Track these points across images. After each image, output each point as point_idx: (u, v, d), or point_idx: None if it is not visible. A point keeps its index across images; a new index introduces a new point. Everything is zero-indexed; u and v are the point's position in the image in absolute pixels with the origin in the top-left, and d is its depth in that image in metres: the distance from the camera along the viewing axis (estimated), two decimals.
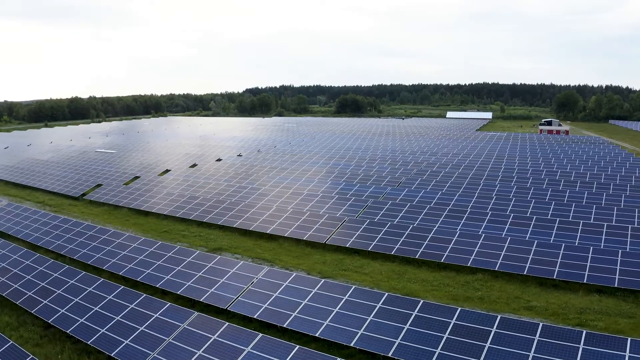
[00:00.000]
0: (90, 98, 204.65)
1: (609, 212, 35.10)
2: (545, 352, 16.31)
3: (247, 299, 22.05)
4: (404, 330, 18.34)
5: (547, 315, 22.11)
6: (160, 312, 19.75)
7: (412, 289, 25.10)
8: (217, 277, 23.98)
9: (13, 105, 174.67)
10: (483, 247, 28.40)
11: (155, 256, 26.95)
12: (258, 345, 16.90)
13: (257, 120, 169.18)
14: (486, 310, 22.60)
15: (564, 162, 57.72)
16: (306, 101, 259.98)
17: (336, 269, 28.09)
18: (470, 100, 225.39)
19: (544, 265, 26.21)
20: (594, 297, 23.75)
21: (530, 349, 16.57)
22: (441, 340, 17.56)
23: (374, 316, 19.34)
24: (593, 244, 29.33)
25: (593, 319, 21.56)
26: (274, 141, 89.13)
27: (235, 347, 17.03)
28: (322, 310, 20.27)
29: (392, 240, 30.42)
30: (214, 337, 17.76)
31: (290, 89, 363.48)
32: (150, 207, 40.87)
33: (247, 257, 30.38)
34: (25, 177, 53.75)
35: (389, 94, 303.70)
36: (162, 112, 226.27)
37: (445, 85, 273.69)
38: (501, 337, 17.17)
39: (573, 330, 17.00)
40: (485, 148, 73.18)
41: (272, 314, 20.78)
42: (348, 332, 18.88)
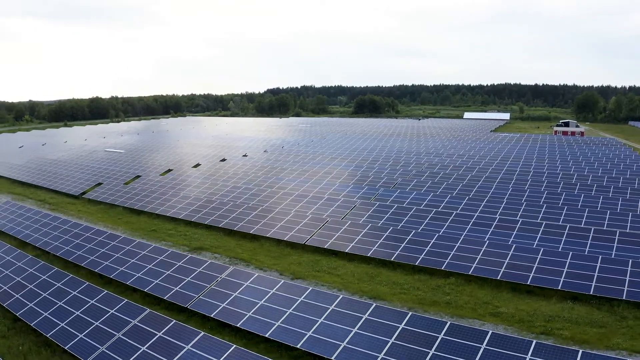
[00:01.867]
0: (112, 98, 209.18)
1: (594, 214, 34.09)
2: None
3: (210, 299, 22.19)
4: (352, 334, 18.17)
5: (512, 322, 21.58)
6: (117, 309, 20.06)
7: (380, 292, 24.86)
8: (184, 275, 24.22)
9: (35, 105, 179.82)
10: (460, 251, 27.92)
11: (131, 253, 27.36)
12: (199, 344, 17.00)
13: (273, 120, 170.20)
14: (450, 315, 22.26)
15: (569, 164, 56.31)
16: (325, 101, 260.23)
17: (310, 270, 28.03)
18: (491, 101, 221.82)
19: (519, 270, 25.62)
20: (567, 305, 23.07)
21: (475, 357, 16.21)
22: (386, 345, 17.34)
23: (325, 318, 19.24)
24: (574, 248, 28.54)
25: (560, 328, 20.94)
26: (283, 142, 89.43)
27: (177, 345, 17.17)
28: (277, 311, 20.27)
29: (371, 242, 30.18)
30: (161, 333, 17.94)
31: (311, 89, 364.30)
32: (143, 207, 41.54)
33: (225, 257, 30.59)
34: (32, 176, 55.30)
35: (409, 95, 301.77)
36: (181, 112, 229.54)
37: (467, 86, 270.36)
38: (447, 344, 16.85)
39: (523, 339, 16.51)
40: (492, 150, 71.90)
41: (230, 314, 20.87)
42: (297, 333, 18.82)
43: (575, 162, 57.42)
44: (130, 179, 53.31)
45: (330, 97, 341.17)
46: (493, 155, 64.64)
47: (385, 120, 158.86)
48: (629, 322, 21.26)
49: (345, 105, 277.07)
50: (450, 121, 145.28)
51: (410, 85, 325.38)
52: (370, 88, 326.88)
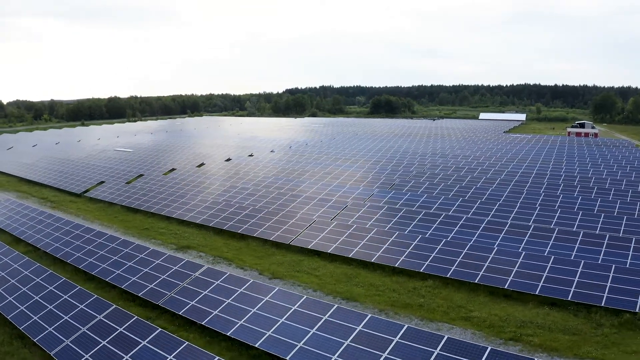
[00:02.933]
0: (130, 98, 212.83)
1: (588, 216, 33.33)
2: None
3: (180, 296, 22.47)
4: (310, 334, 18.21)
5: (482, 327, 21.28)
6: (86, 304, 20.49)
7: (355, 293, 24.80)
8: (160, 273, 24.56)
9: (55, 104, 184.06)
10: (441, 253, 27.65)
11: (115, 251, 27.87)
12: (155, 340, 17.26)
13: (287, 120, 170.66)
14: (420, 318, 22.10)
15: (574, 165, 55.16)
16: (341, 102, 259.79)
17: (290, 270, 28.12)
18: (510, 102, 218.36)
19: (498, 274, 25.25)
20: (543, 310, 22.63)
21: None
22: (341, 347, 17.32)
23: (286, 318, 19.32)
24: (556, 251, 27.98)
25: (531, 334, 20.54)
26: (291, 142, 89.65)
27: (134, 340, 17.46)
28: (241, 310, 20.45)
29: (353, 243, 30.11)
30: (122, 328, 18.25)
31: (330, 89, 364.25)
32: (140, 205, 42.23)
33: (209, 256, 30.91)
34: (39, 174, 56.75)
35: (428, 95, 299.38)
36: (198, 112, 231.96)
37: (486, 86, 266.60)
38: (401, 348, 16.74)
39: (477, 345, 16.28)
40: (500, 150, 70.85)
41: (196, 311, 21.13)
42: (258, 332, 18.95)
43: (581, 164, 56.26)
44: (132, 177, 54.20)
45: (349, 97, 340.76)
46: (499, 157, 63.65)
47: (400, 121, 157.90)
48: (604, 330, 20.74)
49: (363, 105, 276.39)
50: (464, 122, 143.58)
51: (429, 86, 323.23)
52: (389, 88, 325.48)
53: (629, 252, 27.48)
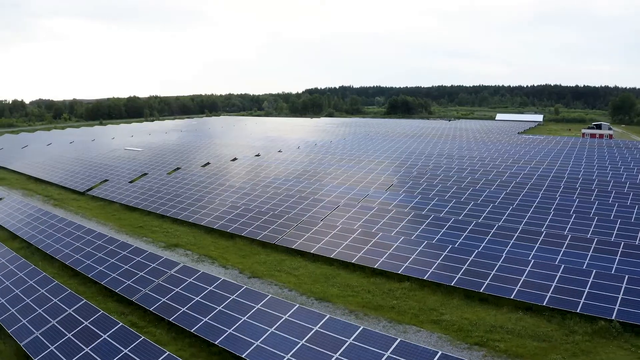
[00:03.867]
0: (149, 97, 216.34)
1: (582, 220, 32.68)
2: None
3: (154, 293, 22.93)
4: (268, 333, 18.41)
5: (450, 330, 21.10)
6: (59, 298, 21.08)
7: (329, 294, 24.89)
8: (139, 270, 25.09)
9: (75, 103, 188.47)
10: (421, 255, 27.52)
11: (100, 248, 28.53)
12: (114, 334, 17.69)
13: (303, 120, 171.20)
14: (389, 320, 22.06)
15: (580, 167, 54.03)
16: (359, 102, 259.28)
17: (271, 269, 28.35)
18: (530, 103, 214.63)
19: (475, 277, 25.02)
20: (516, 315, 22.31)
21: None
22: (296, 346, 17.46)
23: (248, 317, 19.55)
24: (533, 254, 27.52)
25: (498, 339, 20.26)
26: (300, 142, 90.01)
27: (96, 333, 17.91)
28: (208, 307, 20.77)
29: (336, 244, 30.18)
30: (87, 322, 18.75)
31: (350, 89, 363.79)
32: (138, 204, 43.06)
33: (195, 254, 31.39)
34: (47, 173, 58.33)
35: (447, 95, 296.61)
36: (216, 112, 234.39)
37: (506, 87, 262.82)
38: (353, 349, 16.77)
39: (428, 350, 16.12)
40: (508, 152, 69.81)
41: (166, 308, 21.54)
42: (219, 330, 19.26)
43: (587, 166, 55.08)
44: (137, 176, 55.23)
45: (369, 97, 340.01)
46: (505, 158, 62.71)
47: (415, 121, 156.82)
48: (576, 337, 20.31)
49: (382, 106, 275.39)
50: (480, 122, 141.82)
51: (449, 86, 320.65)
52: (409, 89, 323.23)
53: (616, 257, 26.93)
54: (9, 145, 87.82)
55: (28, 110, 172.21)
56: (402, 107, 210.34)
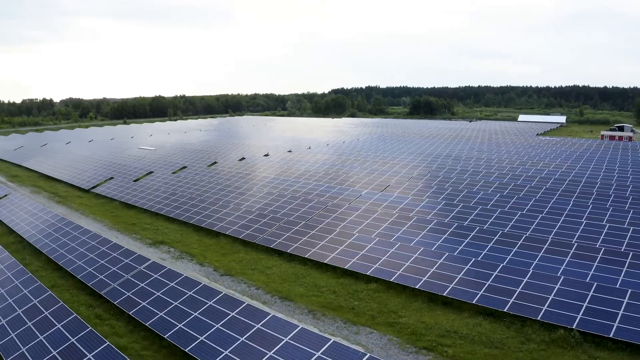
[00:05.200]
0: (174, 97, 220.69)
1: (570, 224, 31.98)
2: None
3: (120, 287, 23.78)
4: (213, 329, 18.94)
5: (403, 333, 21.08)
6: (30, 290, 22.13)
7: (294, 293, 25.24)
8: (112, 265, 26.02)
9: (101, 102, 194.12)
10: (392, 257, 27.55)
11: (83, 244, 29.67)
12: (67, 325, 18.52)
13: (323, 120, 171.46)
14: (344, 321, 22.25)
15: (587, 170, 52.66)
16: (383, 102, 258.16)
17: (245, 268, 28.90)
18: (557, 104, 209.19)
19: (442, 280, 24.92)
20: (475, 320, 22.11)
21: None
22: (236, 342, 17.91)
23: (199, 313, 20.14)
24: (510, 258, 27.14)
25: (449, 344, 20.14)
26: (312, 142, 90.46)
27: (52, 322, 18.79)
28: (165, 302, 21.49)
29: (312, 243, 30.49)
30: (47, 312, 19.69)
31: (376, 90, 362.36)
32: (136, 202, 44.36)
33: (177, 251, 32.24)
34: (57, 171, 60.62)
35: (474, 96, 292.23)
36: (240, 112, 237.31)
37: (534, 88, 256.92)
38: (287, 348, 17.09)
39: (357, 352, 16.23)
40: (518, 153, 68.52)
41: (128, 302, 22.34)
42: (171, 324, 19.91)
43: (595, 168, 53.66)
44: (142, 175, 56.75)
45: (395, 97, 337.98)
46: (513, 160, 61.62)
47: (435, 122, 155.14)
48: (531, 345, 20.02)
49: (407, 106, 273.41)
50: (501, 123, 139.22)
51: (476, 87, 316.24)
52: (436, 89, 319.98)
53: (593, 263, 26.35)
54: (30, 144, 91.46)
55: (55, 109, 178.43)
56: (424, 107, 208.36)
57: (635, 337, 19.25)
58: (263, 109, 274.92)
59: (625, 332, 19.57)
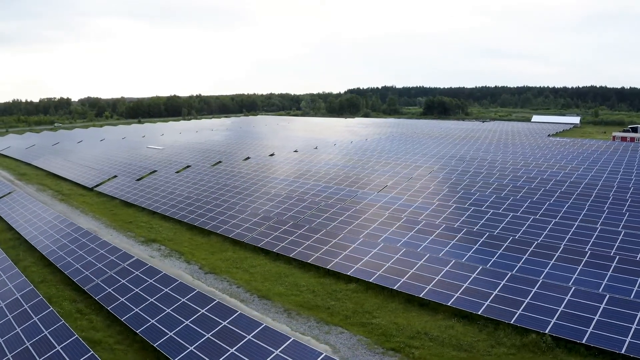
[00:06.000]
0: (189, 97, 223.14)
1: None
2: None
3: (103, 283, 24.41)
4: (182, 325, 19.39)
5: (374, 334, 21.18)
6: (14, 284, 22.90)
7: (273, 291, 25.58)
8: (98, 262, 26.70)
9: (117, 102, 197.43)
10: (374, 257, 27.68)
11: (74, 241, 30.46)
12: (43, 319, 19.16)
13: (335, 120, 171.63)
14: (317, 320, 22.48)
15: (590, 172, 51.93)
16: (397, 102, 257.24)
17: (230, 266, 29.36)
18: (573, 104, 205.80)
19: (420, 282, 24.97)
20: (448, 322, 22.08)
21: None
22: (202, 338, 18.33)
23: (172, 309, 20.63)
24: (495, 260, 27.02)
25: (417, 346, 20.16)
26: (320, 142, 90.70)
27: (30, 315, 19.46)
28: (142, 298, 22.03)
29: (298, 243, 30.79)
30: (27, 305, 20.38)
31: (392, 90, 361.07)
32: (135, 200, 45.22)
33: (167, 249, 32.86)
34: (64, 169, 61.98)
35: (490, 96, 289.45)
36: (254, 112, 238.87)
37: (550, 88, 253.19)
38: (248, 345, 17.41)
39: (314, 350, 16.46)
40: (525, 154, 67.79)
41: (108, 297, 22.94)
42: (143, 319, 20.42)
43: (599, 170, 52.86)
44: (146, 173, 57.73)
45: (411, 97, 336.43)
46: (517, 161, 61.01)
47: (447, 122, 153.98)
48: (501, 349, 19.91)
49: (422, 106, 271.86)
50: (513, 124, 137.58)
51: (493, 87, 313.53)
52: (452, 89, 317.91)
53: (578, 267, 26.12)
54: (42, 143, 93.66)
55: (72, 108, 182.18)
56: (438, 107, 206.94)
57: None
58: (278, 109, 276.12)
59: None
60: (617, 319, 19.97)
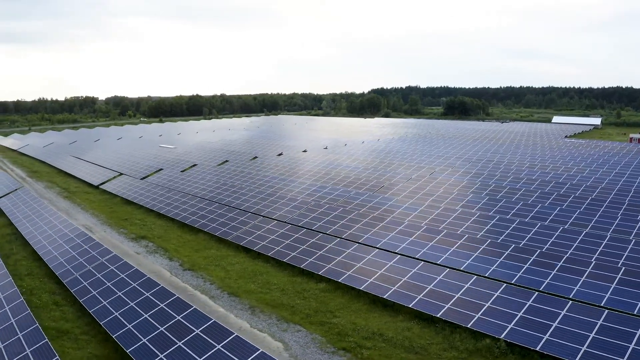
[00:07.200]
0: (211, 96, 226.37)
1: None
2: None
3: (81, 277, 25.55)
4: (141, 318, 20.26)
5: (329, 333, 21.54)
6: None
7: (244, 289, 26.25)
8: (80, 256, 27.89)
9: (140, 101, 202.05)
10: (347, 258, 28.06)
11: (64, 236, 31.81)
12: (12, 308, 20.30)
13: (354, 120, 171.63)
14: (278, 318, 23.01)
15: (596, 174, 50.93)
16: (419, 102, 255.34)
17: (210, 264, 30.18)
18: (598, 105, 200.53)
19: (386, 282, 25.23)
20: (406, 324, 22.25)
21: (206, 352, 17.27)
22: (156, 331, 19.16)
23: (135, 303, 21.53)
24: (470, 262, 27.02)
25: (369, 346, 20.45)
26: (330, 142, 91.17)
27: (2, 303, 20.64)
28: (112, 292, 23.01)
29: (277, 242, 31.42)
30: (2, 296, 21.60)
31: (416, 90, 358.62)
32: (134, 198, 46.65)
33: (154, 246, 33.93)
34: (74, 168, 64.22)
35: (515, 97, 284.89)
36: (275, 111, 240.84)
37: (576, 89, 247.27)
38: (195, 339, 18.12)
39: (252, 346, 16.94)
40: (534, 156, 66.73)
41: (83, 291, 24.03)
42: (108, 311, 21.41)
43: (604, 172, 51.81)
44: (151, 172, 59.31)
45: (435, 97, 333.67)
46: (522, 162, 60.22)
47: (465, 123, 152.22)
48: (452, 352, 19.99)
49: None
50: (532, 125, 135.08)
51: (518, 87, 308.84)
52: (477, 89, 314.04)
53: (552, 272, 25.96)
54: (61, 141, 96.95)
55: (96, 106, 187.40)
56: (459, 108, 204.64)
57: None
58: (300, 109, 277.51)
59: None
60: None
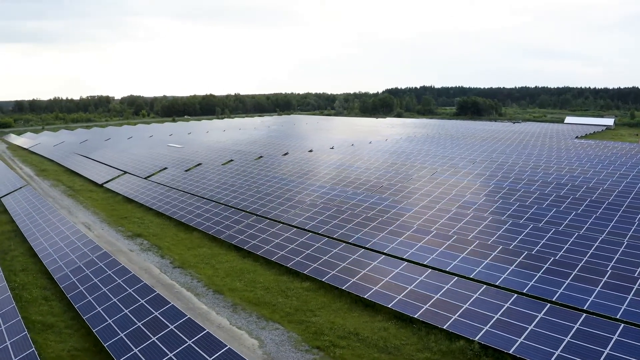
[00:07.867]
0: (226, 96, 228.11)
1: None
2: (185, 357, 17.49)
3: (72, 274, 26.28)
4: (121, 314, 20.85)
5: (307, 332, 21.83)
6: None
7: (229, 287, 26.71)
8: (73, 253, 28.66)
9: (154, 100, 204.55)
10: (333, 257, 28.34)
11: (60, 233, 32.67)
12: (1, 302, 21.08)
13: (365, 120, 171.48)
14: (258, 316, 23.39)
15: (599, 176, 50.37)
16: (432, 102, 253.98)
17: (200, 262, 30.70)
18: (614, 105, 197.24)
19: (367, 282, 25.46)
20: (385, 324, 22.42)
21: (177, 347, 17.78)
22: (133, 326, 19.74)
23: (118, 299, 22.11)
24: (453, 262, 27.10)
25: (343, 345, 20.69)
26: (337, 142, 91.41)
27: None
28: (99, 289, 23.66)
29: (267, 241, 31.85)
30: None
31: (430, 89, 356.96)
32: (135, 197, 47.51)
33: (148, 243, 34.63)
34: (81, 167, 65.48)
35: (530, 97, 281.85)
36: (288, 111, 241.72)
37: (591, 89, 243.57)
38: (168, 335, 18.61)
39: (220, 342, 17.36)
40: (537, 156, 66.10)
41: (71, 287, 24.72)
42: (93, 307, 22.02)
43: (609, 174, 51.20)
44: (156, 171, 60.21)
45: (449, 97, 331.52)
46: (526, 163, 59.73)
47: (477, 123, 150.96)
48: (424, 354, 20.10)
49: None
50: (544, 125, 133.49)
51: (533, 87, 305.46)
52: (492, 89, 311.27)
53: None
54: (72, 140, 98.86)
55: (110, 106, 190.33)
56: (472, 108, 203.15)
57: None
58: (313, 108, 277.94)
59: None
60: None
